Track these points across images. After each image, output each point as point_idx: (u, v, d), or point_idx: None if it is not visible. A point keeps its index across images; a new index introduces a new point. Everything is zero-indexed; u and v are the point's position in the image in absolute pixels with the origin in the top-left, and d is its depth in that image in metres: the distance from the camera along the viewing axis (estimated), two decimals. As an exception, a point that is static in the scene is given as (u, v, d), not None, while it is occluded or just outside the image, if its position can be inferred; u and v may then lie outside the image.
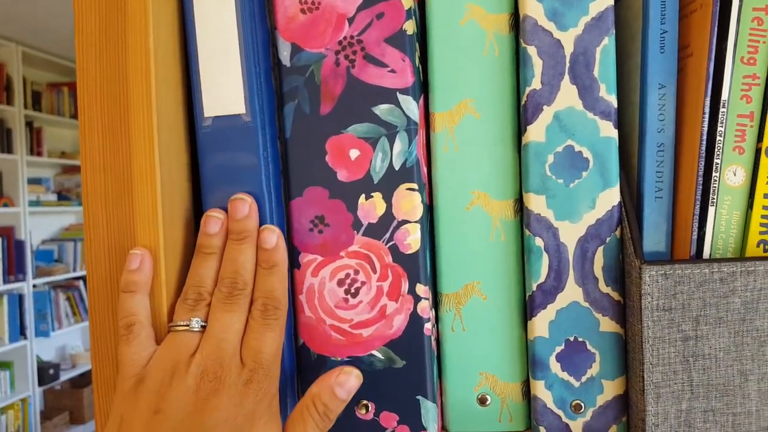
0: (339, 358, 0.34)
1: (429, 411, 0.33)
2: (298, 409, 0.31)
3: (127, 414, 0.29)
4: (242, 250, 0.32)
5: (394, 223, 0.33)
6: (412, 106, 0.32)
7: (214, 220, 0.32)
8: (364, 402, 0.33)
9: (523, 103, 0.32)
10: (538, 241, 0.32)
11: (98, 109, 0.33)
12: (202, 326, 0.31)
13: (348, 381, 0.32)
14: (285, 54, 0.33)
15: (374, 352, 0.33)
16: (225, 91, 0.33)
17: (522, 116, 0.32)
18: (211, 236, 0.32)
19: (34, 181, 3.02)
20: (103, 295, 0.33)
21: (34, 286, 2.88)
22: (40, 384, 2.87)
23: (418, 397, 0.33)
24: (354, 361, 0.33)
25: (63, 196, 3.19)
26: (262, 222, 0.33)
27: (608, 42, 0.31)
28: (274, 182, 0.34)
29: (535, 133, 0.32)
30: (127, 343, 0.30)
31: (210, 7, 0.33)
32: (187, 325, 0.31)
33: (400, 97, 0.32)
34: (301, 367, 0.34)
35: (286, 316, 0.32)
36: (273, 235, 0.32)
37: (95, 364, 0.34)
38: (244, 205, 0.32)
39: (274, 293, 0.31)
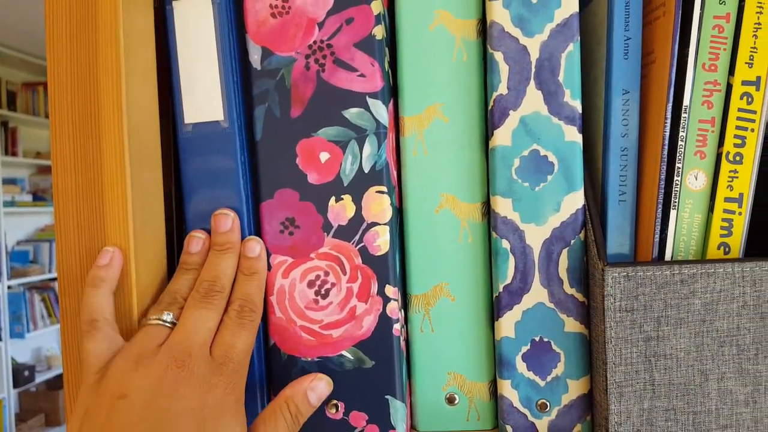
0: (309, 359, 0.34)
1: (398, 410, 0.33)
2: (270, 408, 0.31)
3: (92, 404, 0.29)
4: (224, 258, 0.33)
5: (364, 225, 0.33)
6: (381, 110, 0.33)
7: (196, 240, 0.33)
8: (334, 402, 0.34)
9: (490, 107, 0.33)
10: (505, 244, 0.33)
11: (69, 109, 0.33)
12: (173, 322, 0.31)
13: (319, 387, 0.32)
14: (255, 57, 0.33)
15: (344, 353, 0.34)
16: (204, 99, 0.33)
17: (489, 121, 0.33)
18: (192, 254, 0.33)
19: (9, 182, 2.97)
20: (75, 296, 0.33)
21: (8, 287, 2.83)
22: (15, 386, 2.82)
23: (387, 396, 0.33)
24: (324, 362, 0.34)
25: (38, 197, 3.14)
26: (239, 224, 0.34)
27: (573, 48, 0.31)
28: (250, 186, 0.34)
29: (502, 137, 0.32)
30: (90, 338, 0.30)
31: (189, 16, 0.33)
32: (159, 318, 0.31)
33: (370, 101, 0.33)
34: (272, 367, 0.34)
35: (259, 322, 0.32)
36: (257, 246, 0.33)
37: (67, 366, 0.33)
38: (227, 220, 0.33)
39: (252, 297, 0.32)
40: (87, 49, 0.31)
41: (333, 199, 0.33)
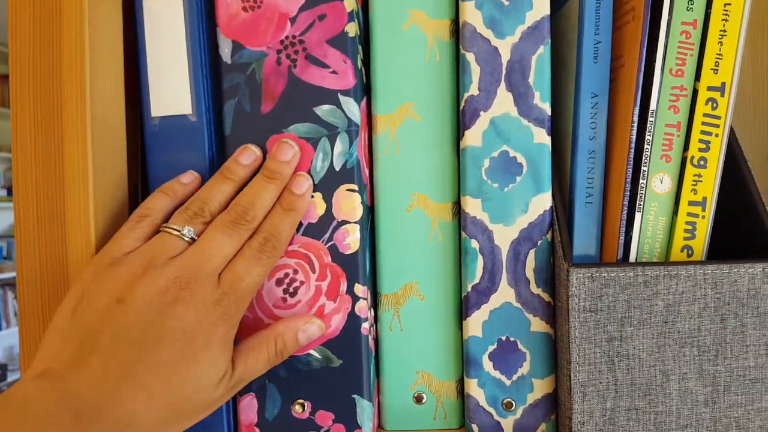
0: (276, 357, 0.34)
1: (364, 410, 0.33)
2: (257, 339, 0.31)
3: (89, 293, 0.28)
4: (268, 188, 0.31)
5: (334, 224, 0.33)
6: (353, 108, 0.33)
7: (249, 152, 0.32)
8: (300, 401, 0.33)
9: (461, 108, 0.33)
10: (474, 243, 0.33)
11: (31, 101, 0.32)
12: (192, 238, 0.30)
13: (311, 329, 0.32)
14: (226, 51, 0.33)
15: (311, 351, 0.33)
16: (172, 92, 0.33)
17: (460, 121, 0.33)
18: (240, 165, 0.32)
19: (-18, 177, 2.90)
20: (34, 294, 0.32)
21: (-19, 283, 2.77)
22: (-13, 384, 2.76)
23: (354, 395, 0.33)
24: (291, 360, 0.33)
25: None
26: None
27: (543, 51, 0.32)
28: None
29: (473, 137, 0.32)
30: (130, 228, 0.30)
31: (158, 8, 0.33)
32: (179, 231, 0.30)
33: (342, 98, 0.33)
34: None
35: (277, 261, 0.32)
36: (306, 183, 0.32)
37: (25, 371, 0.33)
38: (290, 150, 0.32)
39: (281, 234, 0.31)
40: (51, 39, 0.31)
41: (303, 196, 0.33)
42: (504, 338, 0.33)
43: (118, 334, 0.27)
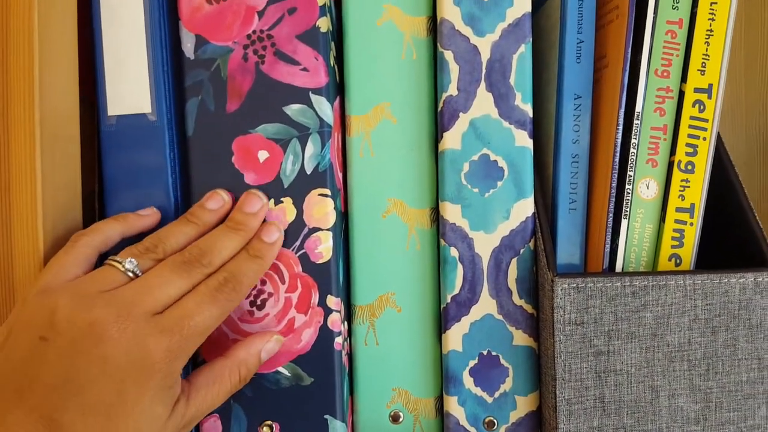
0: (242, 375, 0.31)
1: (337, 430, 0.31)
2: (216, 370, 0.28)
3: (17, 327, 0.26)
4: (231, 237, 0.29)
5: (305, 231, 0.31)
6: (325, 108, 0.31)
7: (217, 199, 0.30)
8: (268, 422, 0.31)
9: (439, 109, 0.31)
10: (453, 252, 0.31)
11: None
12: (135, 273, 0.27)
13: (271, 347, 0.30)
14: (189, 46, 0.31)
15: (280, 369, 0.31)
16: (130, 89, 0.31)
17: (439, 123, 0.31)
18: (206, 210, 0.30)
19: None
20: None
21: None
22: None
23: (326, 416, 0.31)
24: (258, 379, 0.31)
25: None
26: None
27: (525, 50, 0.30)
28: (180, 184, 0.32)
29: (452, 140, 0.31)
30: (65, 252, 0.28)
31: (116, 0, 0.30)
32: (122, 263, 0.27)
33: (313, 97, 0.31)
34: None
35: (234, 307, 0.29)
36: (277, 233, 0.30)
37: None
38: (258, 202, 0.30)
39: (243, 278, 0.28)
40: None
41: (272, 201, 0.31)
42: (485, 352, 0.31)
43: (41, 377, 0.24)
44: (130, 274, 0.27)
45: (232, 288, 0.28)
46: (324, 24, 0.31)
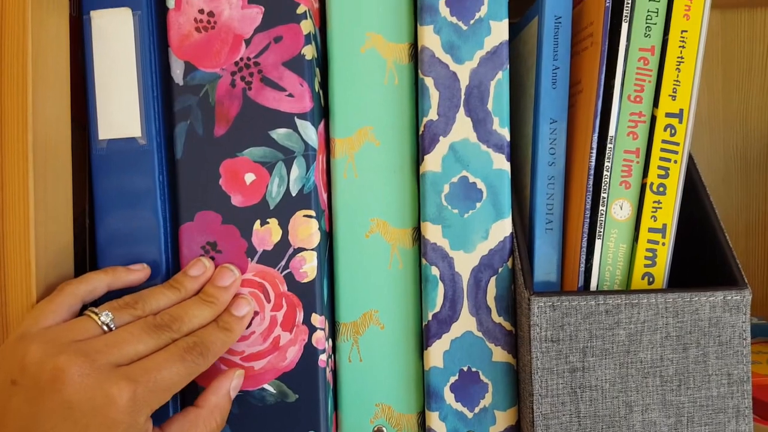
0: (228, 392, 0.32)
1: (321, 446, 0.32)
2: (192, 418, 0.29)
3: None
4: (202, 308, 0.30)
5: (290, 251, 0.32)
6: (310, 132, 0.32)
7: (200, 266, 0.32)
8: (254, 438, 0.32)
9: (420, 132, 0.32)
10: (434, 271, 0.32)
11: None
12: (108, 326, 0.28)
13: (239, 384, 0.31)
14: (178, 72, 0.32)
15: (266, 386, 0.32)
16: (121, 114, 0.32)
17: (420, 146, 0.32)
18: (188, 277, 0.31)
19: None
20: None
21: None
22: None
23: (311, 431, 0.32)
24: (244, 396, 0.32)
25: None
26: (156, 247, 0.32)
27: (502, 76, 0.31)
28: (169, 207, 0.32)
29: (432, 163, 0.32)
30: (49, 300, 0.29)
31: (108, 27, 0.31)
32: (97, 315, 0.28)
33: (298, 121, 0.32)
34: (187, 403, 0.32)
35: (199, 373, 0.29)
36: (246, 308, 0.31)
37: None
38: (230, 277, 0.31)
39: (211, 346, 0.29)
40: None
41: (258, 222, 0.32)
42: (466, 369, 0.32)
43: (7, 422, 0.25)
44: (105, 327, 0.28)
45: (199, 353, 0.29)
46: (309, 52, 0.32)
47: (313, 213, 0.32)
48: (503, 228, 0.32)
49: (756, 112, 0.56)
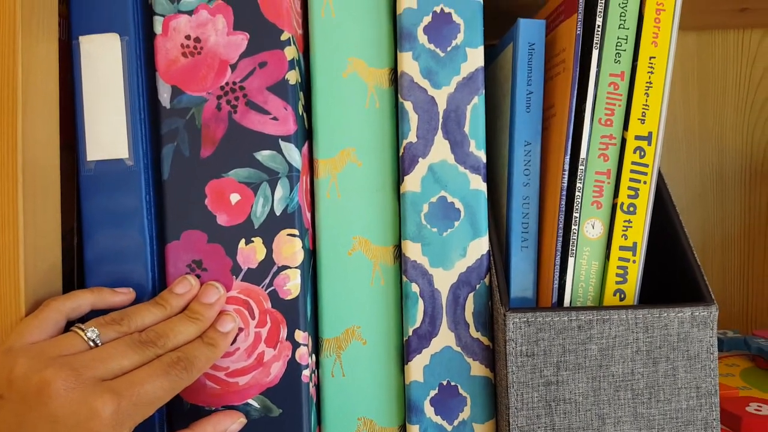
0: (213, 408, 0.33)
1: (304, 460, 0.33)
2: None
3: None
4: (187, 324, 0.31)
5: (274, 269, 0.33)
6: (294, 153, 0.33)
7: (185, 284, 0.32)
8: (238, 452, 0.32)
9: (400, 154, 0.33)
10: (414, 287, 0.33)
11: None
12: (94, 342, 0.29)
13: (237, 430, 0.32)
14: (165, 96, 0.33)
15: (250, 401, 0.33)
16: (109, 136, 0.33)
17: (400, 167, 0.33)
18: (174, 295, 0.32)
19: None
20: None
21: None
22: None
23: (294, 445, 0.33)
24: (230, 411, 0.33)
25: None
26: (144, 266, 0.32)
27: (478, 101, 0.33)
28: (156, 226, 0.33)
29: (412, 183, 0.33)
30: (34, 316, 0.29)
31: (96, 51, 0.32)
32: (83, 331, 0.29)
33: (282, 144, 0.33)
34: (173, 418, 0.33)
35: (183, 387, 0.30)
36: (230, 324, 0.32)
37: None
38: (215, 294, 0.32)
39: (196, 360, 0.30)
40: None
41: (243, 241, 0.33)
42: (445, 383, 0.33)
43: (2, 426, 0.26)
44: (91, 343, 0.29)
45: (183, 367, 0.29)
46: (293, 77, 0.33)
47: (296, 232, 0.33)
48: (480, 246, 0.33)
49: (731, 130, 0.58)
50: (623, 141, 0.33)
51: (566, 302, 0.32)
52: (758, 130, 0.58)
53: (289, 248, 0.33)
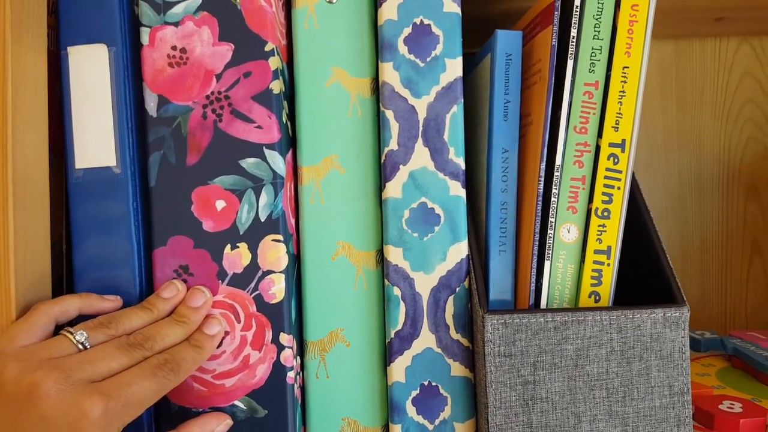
0: (200, 410, 0.33)
1: (289, 460, 0.33)
2: None
3: None
4: (174, 328, 0.32)
5: (259, 273, 0.34)
6: (278, 161, 0.34)
7: (172, 288, 0.33)
8: (224, 453, 0.33)
9: (382, 161, 0.34)
10: (396, 291, 0.34)
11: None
12: (83, 345, 0.29)
13: (225, 430, 0.33)
14: (152, 105, 0.34)
15: (236, 403, 0.34)
16: (97, 145, 0.33)
17: (382, 173, 0.34)
18: (161, 299, 0.33)
19: None
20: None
21: None
22: None
23: (279, 446, 0.33)
24: (216, 412, 0.33)
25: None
26: (131, 271, 0.33)
27: (457, 109, 0.34)
28: (143, 232, 0.34)
29: (393, 189, 0.34)
30: (24, 320, 0.30)
31: (84, 62, 0.33)
32: (72, 334, 0.29)
33: (267, 151, 0.34)
34: (160, 419, 0.34)
35: (170, 389, 0.30)
36: (217, 327, 0.33)
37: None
38: (202, 298, 0.33)
39: (182, 362, 0.31)
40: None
41: (228, 246, 0.34)
42: (426, 383, 0.34)
43: None
44: (80, 346, 0.29)
45: (170, 369, 0.30)
46: (277, 86, 0.34)
47: (281, 237, 0.34)
48: (460, 250, 0.34)
49: (708, 136, 0.60)
50: (597, 148, 0.34)
51: (543, 304, 0.33)
52: (735, 136, 0.60)
53: (274, 253, 0.34)
